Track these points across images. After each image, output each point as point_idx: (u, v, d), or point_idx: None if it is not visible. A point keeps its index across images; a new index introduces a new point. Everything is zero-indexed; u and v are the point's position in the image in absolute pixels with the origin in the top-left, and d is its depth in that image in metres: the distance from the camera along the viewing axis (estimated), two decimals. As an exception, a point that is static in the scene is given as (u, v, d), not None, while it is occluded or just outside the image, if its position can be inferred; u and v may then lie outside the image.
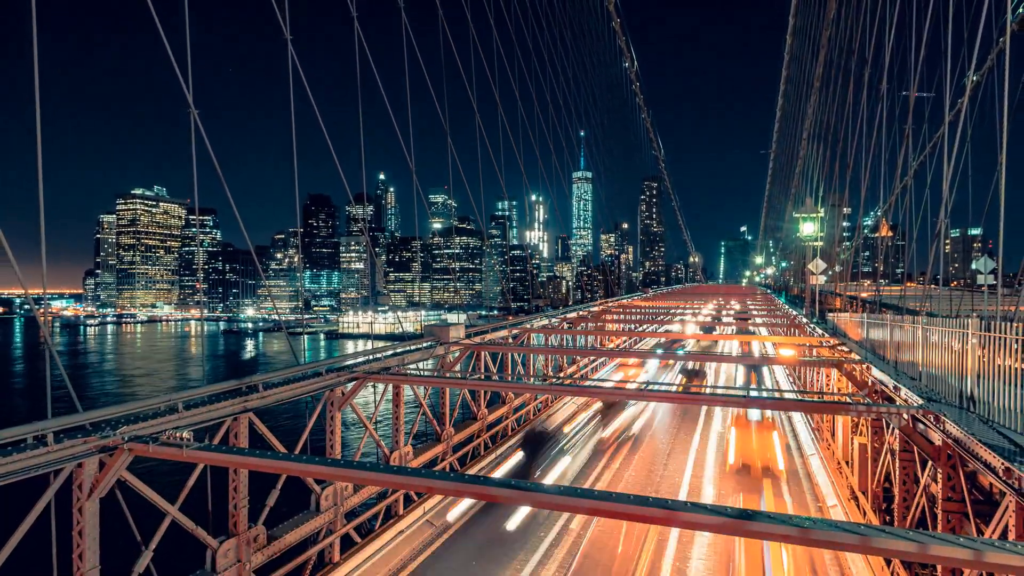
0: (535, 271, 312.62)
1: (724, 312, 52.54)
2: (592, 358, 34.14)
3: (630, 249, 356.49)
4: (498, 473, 16.65)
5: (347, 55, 17.02)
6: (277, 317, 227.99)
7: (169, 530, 8.81)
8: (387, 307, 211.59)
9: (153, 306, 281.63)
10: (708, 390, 23.68)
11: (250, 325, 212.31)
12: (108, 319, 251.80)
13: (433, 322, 35.35)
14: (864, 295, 34.46)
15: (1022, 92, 14.16)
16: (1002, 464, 6.83)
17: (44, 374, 8.89)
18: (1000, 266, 12.94)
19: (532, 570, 12.23)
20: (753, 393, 12.63)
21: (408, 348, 16.46)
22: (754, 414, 19.87)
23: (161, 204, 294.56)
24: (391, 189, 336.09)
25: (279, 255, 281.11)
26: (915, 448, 10.35)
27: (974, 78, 15.89)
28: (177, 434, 8.40)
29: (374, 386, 14.53)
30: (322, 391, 12.44)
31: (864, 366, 15.56)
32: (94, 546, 7.94)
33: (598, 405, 23.62)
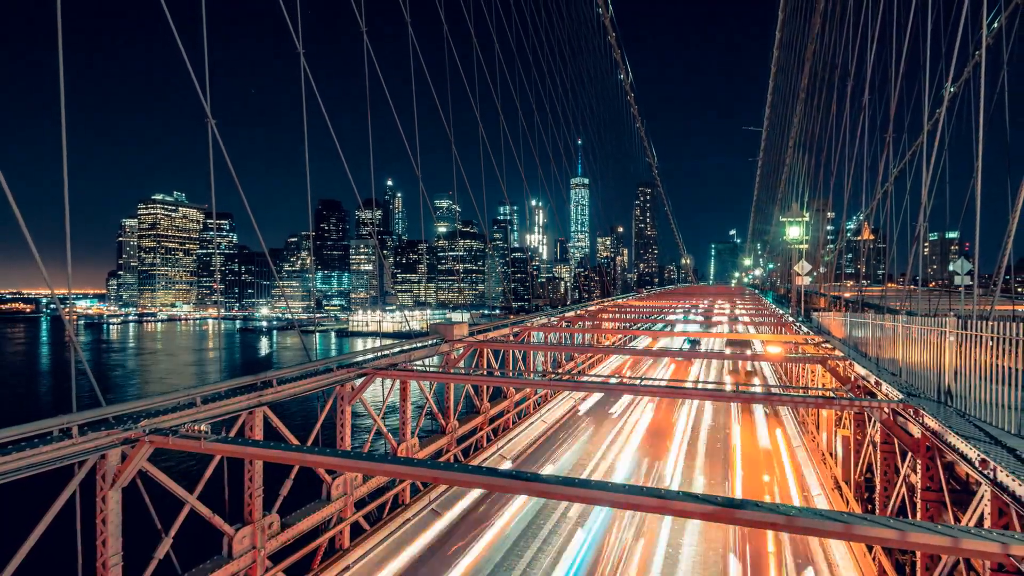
0: (535, 272, 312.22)
1: (714, 311, 52.47)
2: (589, 355, 34.13)
3: (625, 251, 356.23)
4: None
5: (357, 68, 17.03)
6: (290, 316, 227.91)
7: (188, 518, 8.81)
8: (394, 306, 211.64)
9: (173, 305, 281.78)
10: (700, 385, 23.68)
11: (265, 324, 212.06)
12: (130, 318, 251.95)
13: (438, 321, 35.32)
14: (847, 295, 34.40)
15: (997, 102, 14.14)
16: (978, 455, 6.82)
17: (69, 370, 8.89)
18: (976, 268, 12.90)
19: None
20: (741, 388, 12.62)
21: (414, 345, 16.45)
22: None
23: (180, 209, 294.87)
24: (398, 194, 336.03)
25: (292, 257, 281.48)
26: (896, 440, 10.35)
27: (951, 89, 15.89)
28: (195, 427, 8.41)
29: (382, 381, 14.54)
30: (333, 386, 12.45)
31: (847, 362, 15.54)
32: (117, 533, 7.95)
33: None
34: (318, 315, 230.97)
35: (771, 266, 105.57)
